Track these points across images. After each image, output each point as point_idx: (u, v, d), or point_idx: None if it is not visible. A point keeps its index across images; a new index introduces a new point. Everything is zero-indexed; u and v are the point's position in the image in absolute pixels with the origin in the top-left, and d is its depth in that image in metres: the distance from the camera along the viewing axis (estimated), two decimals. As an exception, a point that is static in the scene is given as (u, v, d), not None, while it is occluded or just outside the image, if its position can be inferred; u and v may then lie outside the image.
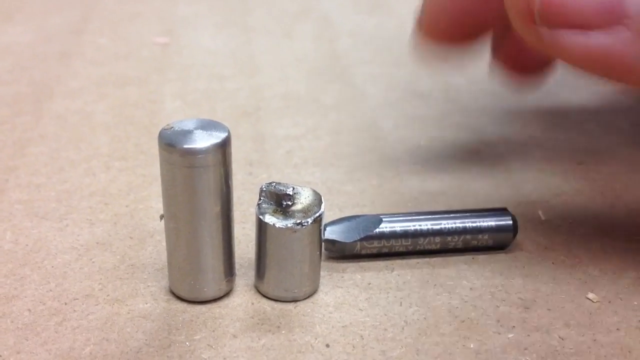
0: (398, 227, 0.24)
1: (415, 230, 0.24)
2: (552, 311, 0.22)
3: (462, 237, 0.24)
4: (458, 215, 0.24)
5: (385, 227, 0.24)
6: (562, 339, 0.21)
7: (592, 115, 0.35)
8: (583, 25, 0.21)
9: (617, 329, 0.21)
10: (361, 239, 0.24)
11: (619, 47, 0.20)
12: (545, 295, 0.23)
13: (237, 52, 0.42)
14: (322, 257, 0.23)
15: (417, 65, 0.27)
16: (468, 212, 0.25)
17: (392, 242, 0.24)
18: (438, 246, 0.24)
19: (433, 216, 0.24)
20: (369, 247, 0.24)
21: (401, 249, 0.24)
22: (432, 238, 0.24)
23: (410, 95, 0.37)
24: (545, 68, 0.30)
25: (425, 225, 0.24)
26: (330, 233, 0.24)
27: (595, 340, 0.21)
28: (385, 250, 0.24)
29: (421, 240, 0.24)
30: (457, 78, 0.38)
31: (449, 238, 0.24)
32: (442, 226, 0.24)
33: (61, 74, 0.38)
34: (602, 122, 0.34)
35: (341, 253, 0.24)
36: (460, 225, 0.24)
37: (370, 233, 0.24)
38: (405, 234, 0.24)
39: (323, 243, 0.23)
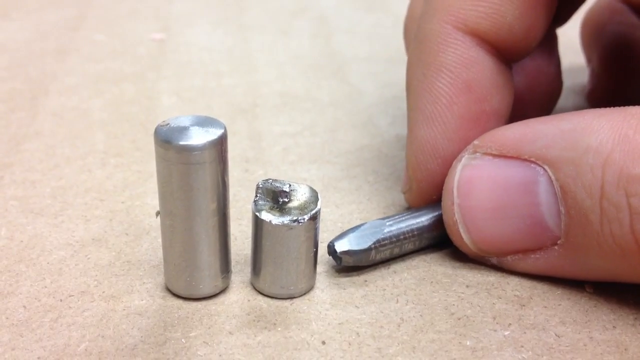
0: (404, 225, 0.24)
1: (420, 226, 0.24)
2: (548, 308, 0.22)
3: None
4: None
5: (391, 228, 0.23)
6: (558, 336, 0.21)
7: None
8: (519, 251, 0.23)
9: (613, 327, 0.21)
10: (374, 244, 0.23)
11: (558, 262, 0.22)
12: (541, 292, 0.23)
13: (234, 49, 0.42)
14: (320, 252, 0.23)
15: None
16: None
17: (402, 241, 0.23)
18: (442, 238, 0.24)
19: (431, 209, 0.24)
20: (383, 251, 0.23)
21: (410, 247, 0.24)
22: (435, 231, 0.24)
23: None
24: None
25: (427, 219, 0.24)
26: (341, 246, 0.23)
27: (591, 337, 0.21)
28: (396, 251, 0.24)
29: (426, 235, 0.24)
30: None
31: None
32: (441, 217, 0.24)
33: (57, 70, 0.38)
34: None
35: (358, 263, 0.23)
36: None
37: (381, 236, 0.23)
38: (411, 231, 0.24)
39: (340, 259, 0.23)
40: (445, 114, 0.24)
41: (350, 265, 0.23)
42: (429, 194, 0.25)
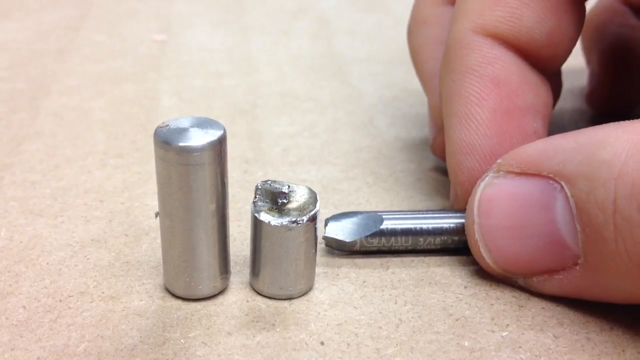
0: (399, 225, 0.24)
1: (416, 230, 0.24)
2: (546, 309, 0.22)
3: (462, 237, 0.24)
4: (458, 215, 0.24)
5: (386, 225, 0.24)
6: (556, 338, 0.21)
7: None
8: (543, 271, 0.22)
9: (611, 328, 0.21)
10: (361, 238, 0.24)
11: (581, 283, 0.21)
12: (539, 293, 0.23)
13: (234, 50, 0.42)
14: (319, 253, 0.23)
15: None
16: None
17: (392, 241, 0.24)
18: (438, 246, 0.24)
19: (434, 215, 0.24)
20: (368, 246, 0.24)
21: (400, 248, 0.24)
22: (432, 238, 0.24)
23: (406, 94, 0.37)
24: None
25: (426, 224, 0.24)
26: (331, 230, 0.24)
27: (589, 338, 0.21)
28: (384, 248, 0.24)
29: (421, 240, 0.24)
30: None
31: (449, 238, 0.24)
32: (443, 226, 0.24)
33: (58, 70, 0.38)
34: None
35: (340, 248, 0.24)
36: (461, 224, 0.24)
37: (371, 232, 0.24)
38: (406, 233, 0.24)
39: (324, 238, 0.23)
40: (477, 111, 0.24)
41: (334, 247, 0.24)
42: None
